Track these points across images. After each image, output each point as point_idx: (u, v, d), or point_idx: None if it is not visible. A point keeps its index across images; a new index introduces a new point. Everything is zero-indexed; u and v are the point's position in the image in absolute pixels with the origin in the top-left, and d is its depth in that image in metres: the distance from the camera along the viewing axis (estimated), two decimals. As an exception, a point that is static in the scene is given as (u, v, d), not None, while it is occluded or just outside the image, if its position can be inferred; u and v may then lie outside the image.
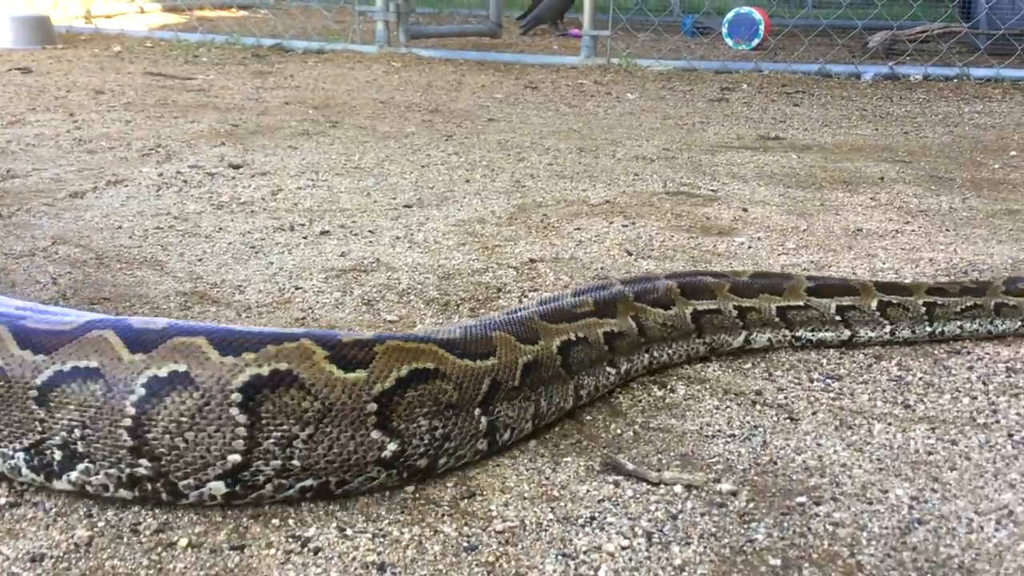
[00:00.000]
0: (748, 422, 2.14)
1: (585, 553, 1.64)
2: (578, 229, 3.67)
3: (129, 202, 3.83)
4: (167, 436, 1.67)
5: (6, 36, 9.29)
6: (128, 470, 1.70)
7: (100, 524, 1.69)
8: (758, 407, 2.22)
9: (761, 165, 5.01)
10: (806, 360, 2.50)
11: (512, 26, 12.54)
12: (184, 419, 1.66)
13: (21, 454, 1.76)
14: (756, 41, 10.68)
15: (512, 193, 4.23)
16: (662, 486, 1.86)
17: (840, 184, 4.59)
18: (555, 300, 2.25)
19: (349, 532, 1.69)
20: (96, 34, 10.65)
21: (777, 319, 2.53)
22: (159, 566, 1.59)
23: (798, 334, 2.55)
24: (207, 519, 1.72)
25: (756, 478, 1.90)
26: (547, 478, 1.89)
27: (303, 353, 1.70)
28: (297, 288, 2.92)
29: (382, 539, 1.68)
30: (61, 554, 1.61)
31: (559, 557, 1.63)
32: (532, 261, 3.25)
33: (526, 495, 1.83)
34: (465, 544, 1.67)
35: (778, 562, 1.62)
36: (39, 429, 1.73)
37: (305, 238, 3.44)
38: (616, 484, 1.87)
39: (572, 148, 5.37)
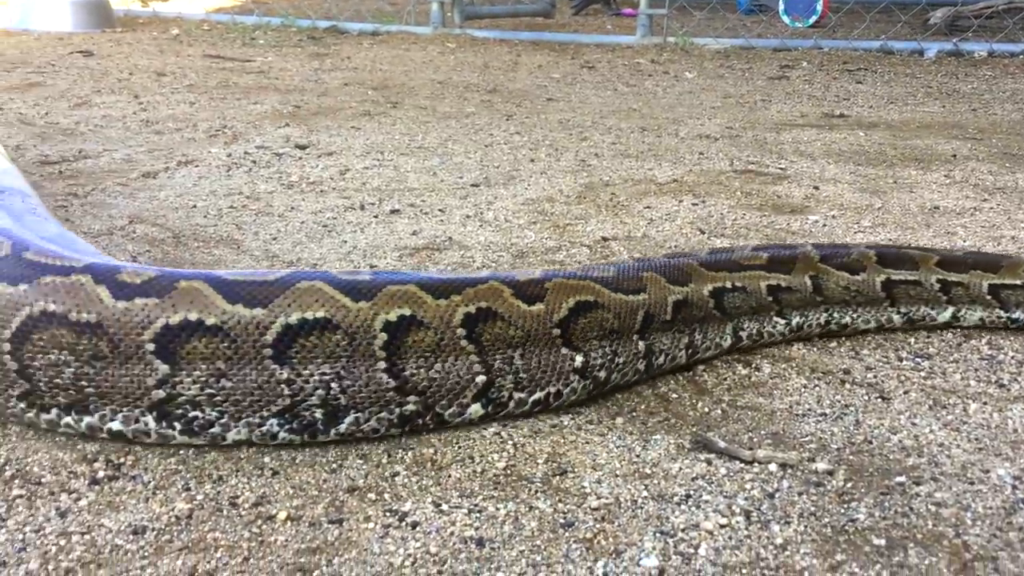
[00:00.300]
0: (838, 401, 2.11)
1: (683, 531, 1.63)
2: (648, 208, 3.64)
3: (201, 182, 3.86)
4: (421, 371, 1.86)
5: (66, 19, 9.41)
6: (398, 409, 1.87)
7: (199, 497, 1.71)
8: (847, 386, 2.18)
9: (828, 143, 4.93)
10: (892, 339, 2.45)
11: (564, 6, 12.46)
12: (428, 354, 1.86)
13: (274, 420, 1.83)
14: (814, 18, 10.51)
15: (578, 172, 4.21)
16: (756, 465, 1.84)
17: (912, 162, 4.50)
18: (729, 251, 2.41)
19: (445, 507, 1.69)
20: (154, 17, 10.74)
21: (989, 297, 2.48)
22: (260, 539, 1.60)
23: (1015, 316, 2.48)
24: (303, 493, 1.73)
25: (852, 457, 1.87)
26: (637, 456, 1.88)
27: (495, 292, 1.93)
28: (372, 266, 2.93)
29: (478, 514, 1.67)
30: (162, 526, 1.63)
31: (657, 534, 1.62)
32: (604, 239, 3.22)
33: (618, 472, 1.81)
34: (562, 520, 1.66)
35: (882, 542, 1.60)
36: (287, 392, 1.81)
37: (376, 217, 3.45)
38: (708, 462, 1.85)
39: (634, 127, 5.32)
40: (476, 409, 1.94)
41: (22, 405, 1.85)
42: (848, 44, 8.77)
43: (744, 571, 1.52)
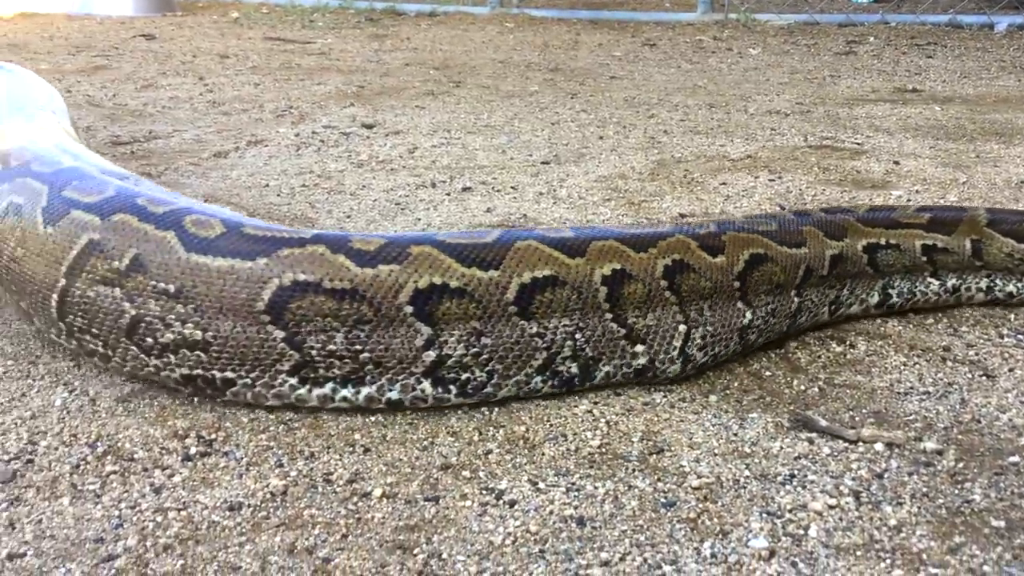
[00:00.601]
0: (941, 379, 2.03)
1: (790, 511, 1.57)
2: (723, 184, 3.56)
3: (272, 161, 3.85)
4: (639, 320, 1.93)
5: (128, 4, 9.49)
6: (632, 361, 1.95)
7: (293, 474, 1.69)
8: (949, 364, 2.10)
9: (903, 117, 4.80)
10: (991, 315, 2.37)
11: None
12: (641, 303, 1.92)
13: (538, 378, 1.89)
14: (879, -7, 10.27)
15: (648, 149, 4.14)
16: (860, 444, 1.77)
17: (992, 136, 4.36)
18: (892, 209, 2.40)
19: (541, 486, 1.65)
20: (213, 1, 10.80)
21: None
22: (357, 515, 1.57)
23: None
24: (397, 470, 1.70)
25: (960, 437, 1.80)
26: (735, 434, 1.82)
27: (684, 245, 1.98)
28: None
29: (576, 493, 1.63)
30: (258, 503, 1.61)
31: (764, 515, 1.56)
32: (682, 216, 3.16)
33: (716, 451, 1.76)
34: (663, 500, 1.61)
35: (1001, 524, 1.53)
36: (542, 346, 1.87)
37: (448, 195, 3.41)
38: (810, 441, 1.79)
39: (701, 104, 5.23)
40: (676, 369, 2.00)
41: (292, 381, 1.84)
42: (915, 18, 8.55)
43: (858, 553, 1.46)
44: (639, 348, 1.95)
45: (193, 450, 1.76)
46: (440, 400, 1.87)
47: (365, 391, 1.85)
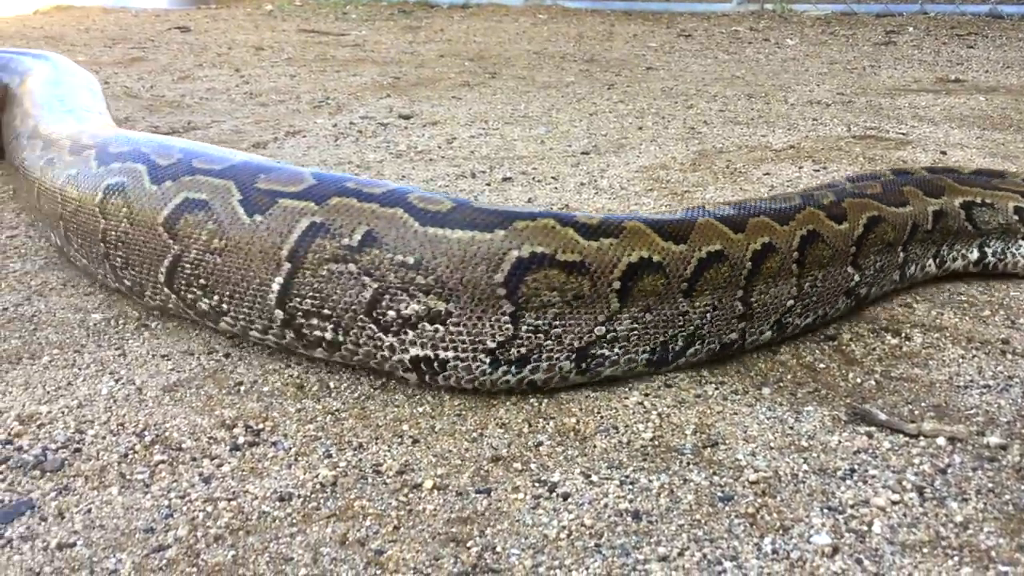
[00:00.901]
0: (1001, 372, 1.98)
1: (852, 507, 1.53)
2: (767, 174, 3.51)
3: (310, 151, 3.84)
4: (760, 296, 1.99)
5: (163, -2, 9.54)
6: (725, 337, 2.00)
7: (341, 464, 1.66)
8: (1008, 356, 2.05)
9: (948, 108, 4.71)
10: (1050, 308, 2.31)
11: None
12: (769, 277, 2.00)
13: (644, 356, 1.93)
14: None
15: (688, 139, 4.09)
16: (922, 438, 1.73)
17: (1041, 126, 4.27)
18: (989, 173, 2.52)
19: (595, 478, 1.62)
20: (246, -6, 10.83)
21: None
22: (408, 507, 1.54)
23: None
24: (446, 461, 1.67)
25: (1025, 431, 1.75)
26: (791, 428, 1.78)
27: (815, 217, 2.07)
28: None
29: (630, 486, 1.60)
30: (308, 493, 1.58)
31: (825, 510, 1.52)
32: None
33: (772, 445, 1.72)
34: (720, 494, 1.57)
35: (1073, 521, 1.48)
36: (680, 322, 1.93)
37: (488, 184, 3.38)
38: (869, 435, 1.74)
39: (740, 94, 5.16)
40: (768, 335, 2.07)
41: (487, 361, 1.85)
42: (955, 8, 8.43)
43: (924, 551, 1.42)
44: (742, 325, 2.00)
45: (241, 440, 1.74)
46: (569, 379, 1.89)
47: (530, 372, 1.86)
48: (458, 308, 1.80)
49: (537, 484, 1.61)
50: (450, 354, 1.83)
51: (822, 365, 2.04)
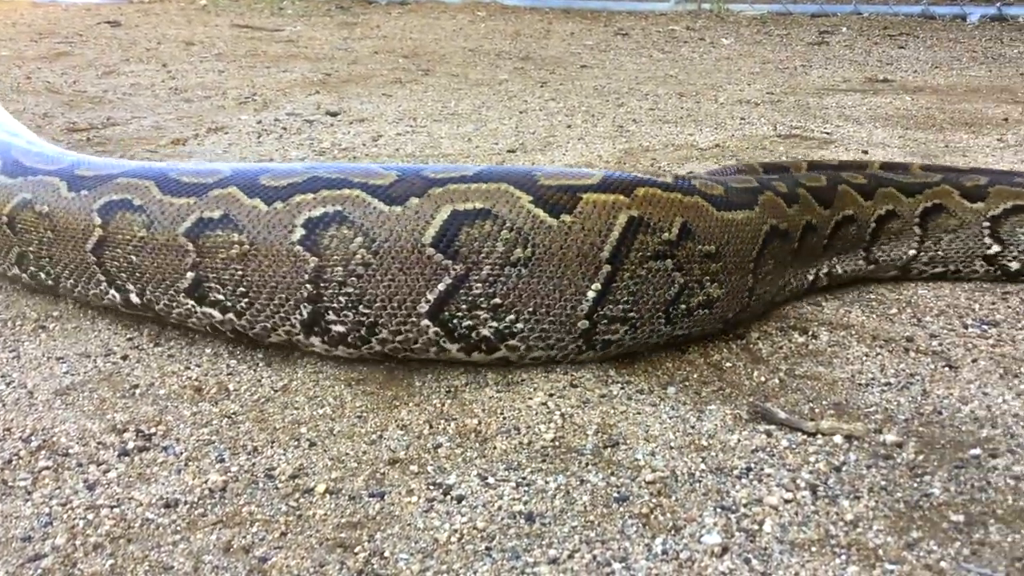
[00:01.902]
0: (903, 370, 1.99)
1: (746, 506, 1.53)
2: (690, 173, 3.51)
3: (231, 148, 3.78)
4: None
5: (95, -9, 9.35)
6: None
7: (233, 469, 1.63)
8: (911, 354, 2.07)
9: (874, 107, 4.77)
10: (955, 305, 2.33)
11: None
12: (894, 235, 2.41)
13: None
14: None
15: (616, 138, 4.09)
16: (819, 436, 1.73)
17: (962, 126, 4.34)
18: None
19: (491, 480, 1.60)
20: (182, -12, 10.66)
21: None
22: (298, 512, 1.51)
23: None
24: (343, 465, 1.64)
25: (921, 429, 1.76)
26: (692, 427, 1.78)
27: (946, 193, 2.40)
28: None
29: (526, 488, 1.58)
30: (195, 499, 1.55)
31: (718, 510, 1.52)
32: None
33: (672, 444, 1.71)
34: (615, 495, 1.56)
35: (960, 518, 1.49)
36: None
37: (410, 183, 3.34)
38: (768, 434, 1.75)
39: (671, 93, 5.18)
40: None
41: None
42: (888, 9, 8.55)
43: (813, 549, 1.42)
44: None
45: (131, 444, 1.70)
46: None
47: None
48: (729, 291, 2.07)
49: (432, 487, 1.58)
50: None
51: (728, 364, 2.04)
